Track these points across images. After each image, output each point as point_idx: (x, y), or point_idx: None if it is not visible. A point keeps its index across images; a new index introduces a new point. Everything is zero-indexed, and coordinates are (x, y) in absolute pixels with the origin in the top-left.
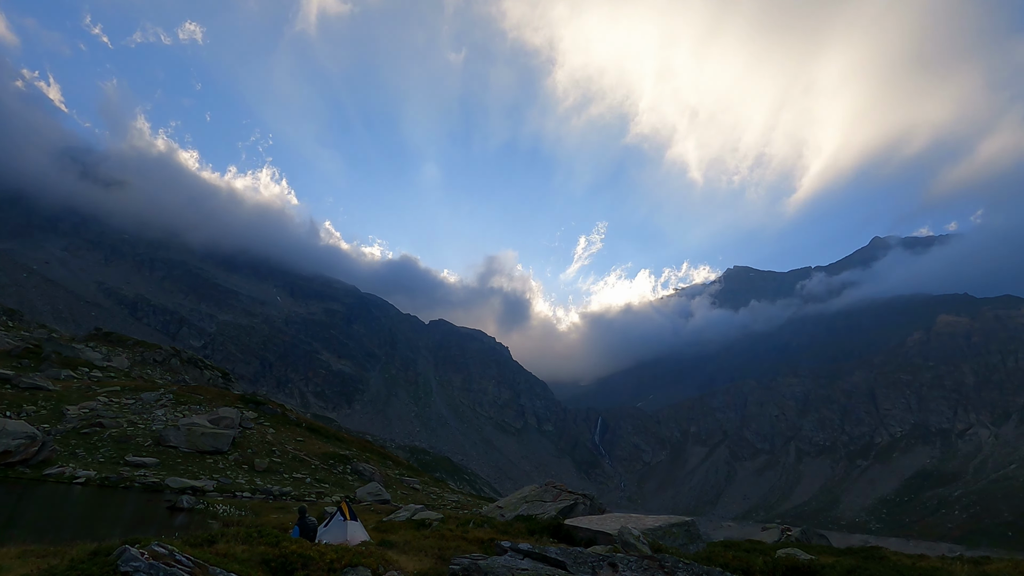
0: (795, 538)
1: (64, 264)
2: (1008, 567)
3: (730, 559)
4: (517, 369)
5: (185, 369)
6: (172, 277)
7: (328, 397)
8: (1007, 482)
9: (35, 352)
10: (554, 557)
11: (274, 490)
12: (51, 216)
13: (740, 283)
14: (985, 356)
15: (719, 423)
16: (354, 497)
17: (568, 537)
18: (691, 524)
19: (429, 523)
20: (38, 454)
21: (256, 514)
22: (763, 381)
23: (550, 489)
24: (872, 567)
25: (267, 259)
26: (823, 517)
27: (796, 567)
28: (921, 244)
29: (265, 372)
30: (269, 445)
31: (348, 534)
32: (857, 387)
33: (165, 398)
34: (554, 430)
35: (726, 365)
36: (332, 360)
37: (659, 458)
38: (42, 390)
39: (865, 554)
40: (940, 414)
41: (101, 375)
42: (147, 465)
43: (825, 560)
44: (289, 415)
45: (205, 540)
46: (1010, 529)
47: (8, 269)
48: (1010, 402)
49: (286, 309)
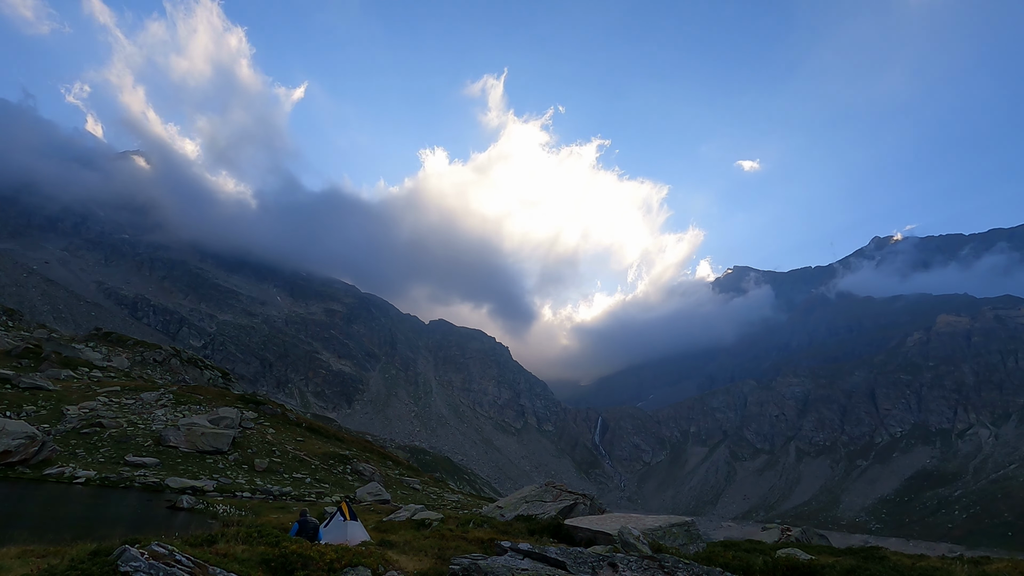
0: (795, 538)
1: (64, 264)
2: (1008, 567)
3: (730, 559)
4: (517, 369)
5: (185, 369)
6: (172, 277)
7: (328, 397)
8: (1007, 482)
9: (35, 352)
10: (554, 557)
11: (274, 490)
12: (51, 216)
13: (741, 282)
14: (985, 356)
15: (719, 423)
16: (354, 497)
17: (568, 537)
18: (691, 524)
19: (429, 523)
20: (38, 454)
21: (256, 514)
22: (763, 381)
23: (550, 489)
24: (872, 567)
25: (267, 259)
26: (823, 517)
27: (796, 567)
28: (922, 244)
29: (265, 372)
30: (269, 445)
31: (348, 534)
32: (857, 387)
33: (165, 398)
34: (554, 430)
35: (726, 365)
36: (332, 360)
37: (659, 458)
38: (42, 390)
39: (865, 554)
40: (940, 414)
41: (101, 375)
42: (147, 465)
43: (825, 560)
44: (289, 415)
45: (205, 540)
46: (1010, 529)
47: (8, 269)
48: (1010, 402)
49: (286, 309)
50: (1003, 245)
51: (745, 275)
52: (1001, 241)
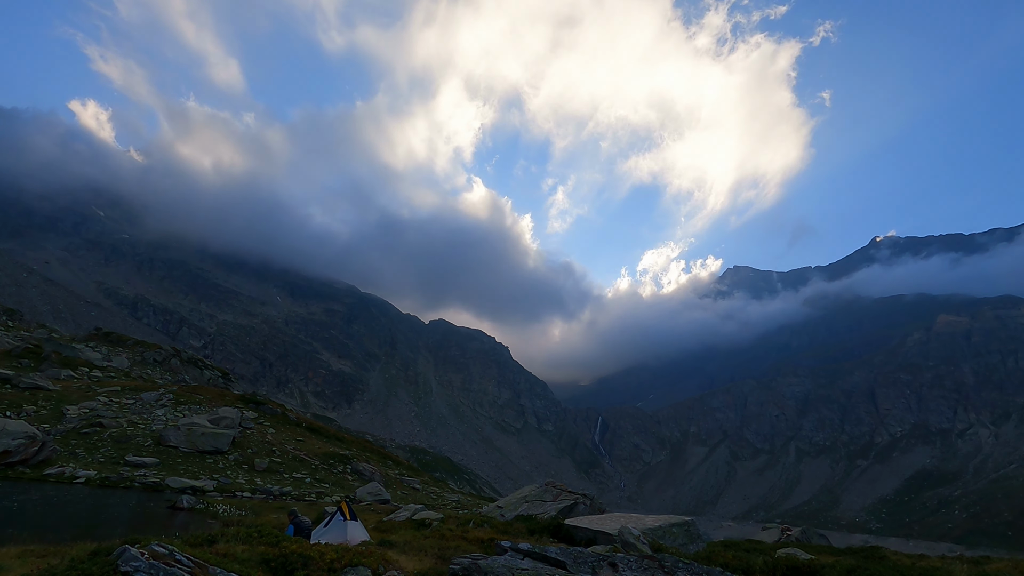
0: (795, 538)
1: (64, 264)
2: (1008, 567)
3: (730, 559)
4: (517, 369)
5: (185, 369)
6: (172, 277)
7: (328, 397)
8: (1007, 482)
9: (35, 352)
10: (554, 557)
11: (274, 490)
12: (51, 216)
13: (740, 282)
14: (985, 356)
15: (719, 423)
16: (354, 497)
17: (568, 537)
18: (691, 524)
19: (429, 523)
20: (38, 454)
21: (256, 514)
22: (763, 381)
23: (550, 489)
24: (872, 567)
25: (267, 259)
26: (823, 517)
27: (796, 567)
28: (922, 244)
29: (265, 372)
30: (269, 445)
31: (348, 534)
32: (857, 387)
33: (165, 398)
34: (554, 430)
35: (726, 365)
36: (332, 360)
37: (659, 458)
38: (42, 390)
39: (865, 554)
40: (940, 414)
41: (101, 375)
42: (147, 465)
43: (825, 560)
44: (289, 415)
45: (205, 540)
46: (1010, 529)
47: (8, 269)
48: (1010, 402)
49: (286, 309)
50: (1003, 244)
51: (745, 275)
52: (1002, 241)
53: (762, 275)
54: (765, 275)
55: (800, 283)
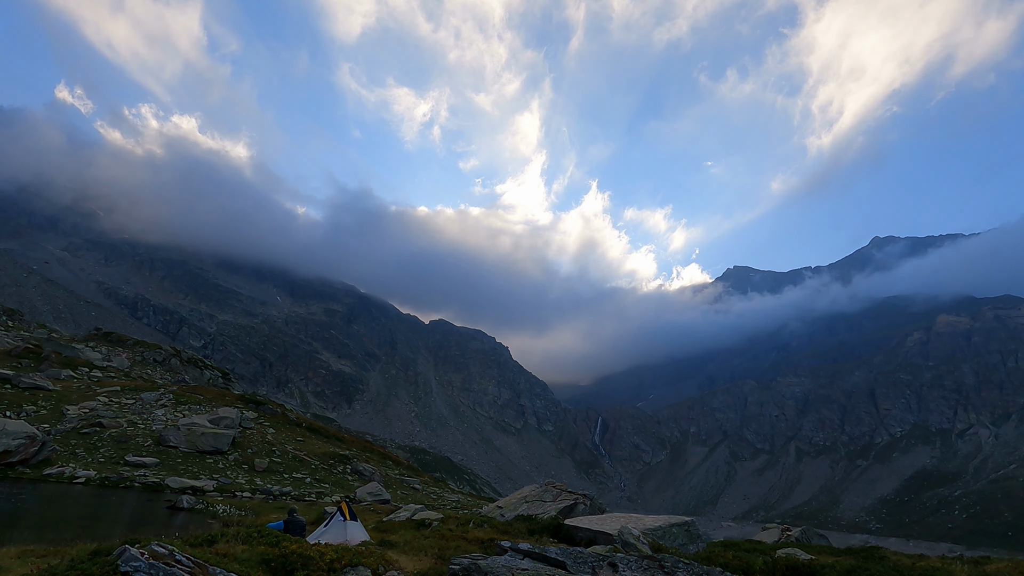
0: (795, 538)
1: (64, 264)
2: (1008, 567)
3: (730, 559)
4: (517, 369)
5: (185, 369)
6: (172, 277)
7: (328, 397)
8: (1007, 482)
9: (35, 352)
10: (554, 557)
11: (274, 490)
12: (51, 216)
13: (740, 282)
14: (985, 356)
15: (719, 423)
16: (354, 497)
17: (568, 537)
18: (691, 524)
19: (429, 523)
20: (38, 454)
21: (256, 514)
22: (763, 381)
23: (550, 489)
24: (872, 567)
25: (267, 259)
26: (823, 517)
27: (796, 567)
28: (921, 244)
29: (265, 372)
30: (269, 445)
31: (348, 534)
32: (857, 387)
33: (165, 398)
34: (554, 430)
35: (726, 365)
36: (332, 360)
37: (659, 458)
38: (42, 390)
39: (865, 554)
40: (940, 414)
41: (101, 375)
42: (147, 465)
43: (825, 560)
44: (289, 415)
45: (205, 540)
46: (1010, 529)
47: (8, 269)
48: (1010, 402)
49: (286, 309)
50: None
51: (745, 275)
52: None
53: (762, 275)
54: (765, 275)
55: (800, 283)
